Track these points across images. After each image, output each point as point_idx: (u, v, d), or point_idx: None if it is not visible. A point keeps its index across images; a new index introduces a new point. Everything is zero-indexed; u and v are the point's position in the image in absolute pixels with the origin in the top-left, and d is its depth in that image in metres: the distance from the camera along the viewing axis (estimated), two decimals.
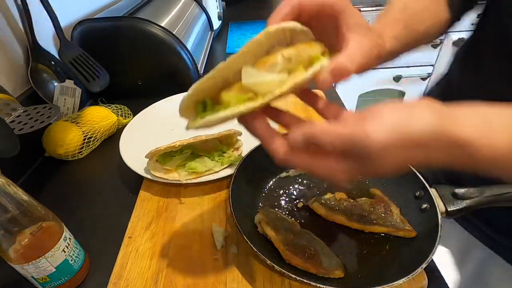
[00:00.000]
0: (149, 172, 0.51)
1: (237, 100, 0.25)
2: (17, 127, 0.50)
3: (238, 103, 0.25)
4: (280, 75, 0.25)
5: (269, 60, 0.25)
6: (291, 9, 0.28)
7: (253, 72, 0.25)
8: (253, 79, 0.24)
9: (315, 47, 0.28)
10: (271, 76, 0.25)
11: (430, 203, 0.41)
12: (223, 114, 0.25)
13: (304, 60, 0.27)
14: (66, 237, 0.37)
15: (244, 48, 0.25)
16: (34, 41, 0.64)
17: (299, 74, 0.26)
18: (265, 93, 0.25)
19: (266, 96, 0.24)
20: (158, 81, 0.80)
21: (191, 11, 0.98)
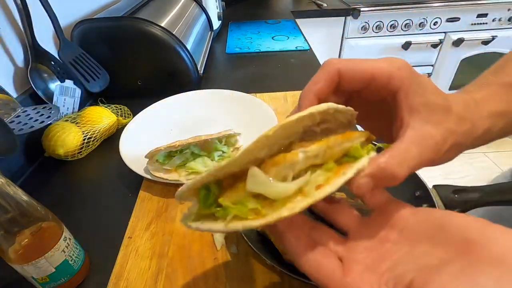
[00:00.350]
0: (149, 172, 0.51)
1: (237, 210, 0.19)
2: (16, 127, 0.50)
3: (237, 215, 0.19)
4: (296, 183, 0.19)
5: (286, 159, 0.19)
6: (328, 80, 0.23)
7: (260, 178, 0.18)
8: (259, 188, 0.18)
9: (355, 136, 0.22)
10: (282, 186, 0.19)
11: (430, 203, 0.41)
12: (220, 227, 0.19)
13: (336, 154, 0.21)
14: (66, 237, 0.37)
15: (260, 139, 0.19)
16: (34, 41, 0.64)
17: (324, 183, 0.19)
18: (274, 208, 0.19)
19: (271, 215, 0.18)
20: (158, 81, 0.80)
21: (191, 11, 0.98)
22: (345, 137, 0.21)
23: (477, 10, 1.61)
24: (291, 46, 1.08)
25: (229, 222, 0.19)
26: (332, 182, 0.19)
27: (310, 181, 0.19)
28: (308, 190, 0.19)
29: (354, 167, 0.20)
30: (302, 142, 0.21)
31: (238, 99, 0.71)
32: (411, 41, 1.63)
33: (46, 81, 0.67)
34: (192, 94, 0.74)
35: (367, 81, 0.22)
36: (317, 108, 0.20)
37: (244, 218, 0.18)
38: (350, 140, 0.22)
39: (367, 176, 0.20)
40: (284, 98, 0.77)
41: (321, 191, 0.19)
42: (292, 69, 0.94)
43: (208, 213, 0.20)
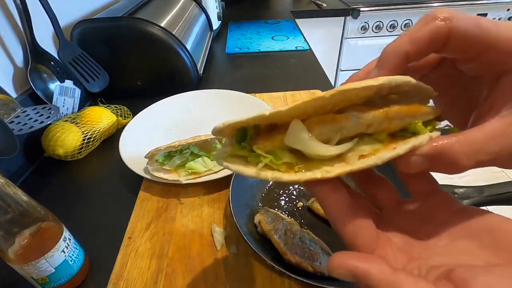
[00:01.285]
0: (148, 173, 0.51)
1: (270, 160, 0.18)
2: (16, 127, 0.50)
3: (270, 165, 0.18)
4: (339, 148, 0.17)
5: (336, 119, 0.17)
6: (432, 41, 0.17)
7: (302, 133, 0.17)
8: (297, 143, 0.17)
9: (423, 112, 0.19)
10: (323, 148, 0.17)
11: None
12: (251, 172, 0.18)
13: (393, 127, 0.18)
14: (66, 237, 0.37)
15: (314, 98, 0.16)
16: (34, 41, 0.64)
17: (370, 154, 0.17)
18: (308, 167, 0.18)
19: (304, 174, 0.17)
20: (158, 81, 0.80)
21: (190, 11, 0.98)
22: (411, 110, 0.18)
23: (477, 10, 1.61)
24: (290, 46, 1.08)
25: (260, 169, 0.18)
26: (378, 154, 0.17)
27: (354, 149, 0.18)
28: (350, 157, 0.17)
29: (409, 143, 0.17)
30: (357, 105, 0.18)
31: (238, 99, 0.71)
32: None
33: (45, 81, 0.67)
34: (192, 94, 0.74)
35: (482, 50, 0.17)
36: (392, 80, 0.17)
37: (276, 169, 0.18)
38: (415, 116, 0.18)
39: (424, 155, 0.17)
40: (284, 98, 0.77)
41: (364, 160, 0.17)
42: (291, 69, 0.94)
43: (241, 155, 0.19)
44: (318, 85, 0.80)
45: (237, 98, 0.71)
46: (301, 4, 1.65)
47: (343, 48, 1.68)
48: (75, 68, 0.69)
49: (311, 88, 0.80)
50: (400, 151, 0.17)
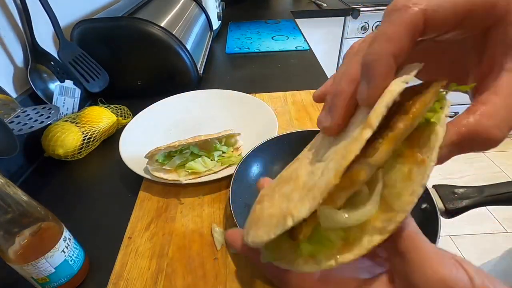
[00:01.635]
0: (148, 173, 0.51)
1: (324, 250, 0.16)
2: (16, 127, 0.50)
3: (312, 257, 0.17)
4: (372, 201, 0.16)
5: (353, 180, 0.16)
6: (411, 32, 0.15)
7: (333, 216, 0.16)
8: (335, 225, 0.16)
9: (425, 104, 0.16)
10: (359, 214, 0.16)
11: (430, 202, 0.41)
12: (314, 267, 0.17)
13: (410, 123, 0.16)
14: (66, 237, 0.37)
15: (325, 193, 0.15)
16: (34, 41, 0.64)
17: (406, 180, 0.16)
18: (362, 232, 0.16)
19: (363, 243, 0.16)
20: (158, 81, 0.80)
21: (190, 11, 0.98)
22: (416, 114, 0.16)
23: None
24: (290, 46, 1.08)
25: (322, 261, 0.16)
26: (415, 179, 0.15)
27: (386, 184, 0.16)
28: (390, 198, 0.16)
29: (432, 144, 0.15)
30: None
31: (238, 99, 0.71)
32: None
33: (45, 81, 0.67)
34: (192, 94, 0.74)
35: (462, 18, 0.16)
36: (388, 100, 0.15)
37: (334, 254, 0.16)
38: (420, 115, 0.16)
39: (450, 145, 0.16)
40: (284, 98, 0.77)
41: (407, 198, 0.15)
42: (291, 69, 0.94)
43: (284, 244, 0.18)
44: (318, 85, 0.80)
45: (237, 98, 0.71)
46: (301, 4, 1.65)
47: (343, 48, 1.68)
48: (75, 68, 0.69)
49: (311, 88, 0.80)
50: (432, 160, 0.15)
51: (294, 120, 0.68)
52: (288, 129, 0.63)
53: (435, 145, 0.15)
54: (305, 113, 0.70)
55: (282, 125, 0.65)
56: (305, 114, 0.70)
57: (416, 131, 0.16)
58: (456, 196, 0.41)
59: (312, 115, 0.69)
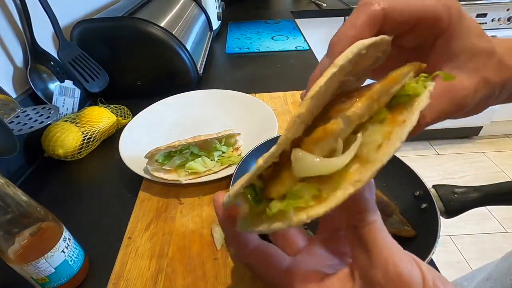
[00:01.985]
0: (148, 173, 0.51)
1: (295, 203, 0.16)
2: (16, 127, 0.50)
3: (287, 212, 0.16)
4: (348, 153, 0.16)
5: (327, 132, 0.16)
6: (370, 23, 0.19)
7: (307, 160, 0.16)
8: (308, 171, 0.16)
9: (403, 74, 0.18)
10: (334, 162, 0.16)
11: (430, 202, 0.41)
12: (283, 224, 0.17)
13: (384, 102, 0.18)
14: (66, 237, 0.37)
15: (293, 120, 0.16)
16: (33, 42, 0.64)
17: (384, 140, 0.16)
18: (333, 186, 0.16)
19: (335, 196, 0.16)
20: (158, 81, 0.80)
21: (190, 11, 0.98)
22: (391, 80, 0.17)
23: (476, 10, 1.61)
24: (290, 46, 1.08)
25: (293, 218, 0.16)
26: (394, 135, 0.16)
27: (365, 142, 0.16)
28: (368, 153, 0.16)
29: (413, 108, 0.17)
30: (340, 99, 0.18)
31: (238, 99, 0.71)
32: None
33: (45, 81, 0.67)
34: (192, 94, 0.74)
35: (414, 23, 0.19)
36: (346, 57, 0.16)
37: (305, 208, 0.16)
38: (398, 82, 0.17)
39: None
40: (284, 98, 0.77)
41: (386, 148, 0.16)
42: (291, 69, 0.94)
43: (261, 210, 0.18)
44: None
45: (237, 98, 0.71)
46: (301, 4, 1.65)
47: None
48: (75, 68, 0.69)
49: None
50: (413, 121, 0.16)
51: None
52: None
53: (416, 108, 0.17)
54: None
55: (282, 125, 0.65)
56: None
57: (401, 105, 0.18)
58: (456, 196, 0.41)
59: None
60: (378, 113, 0.17)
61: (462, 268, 1.35)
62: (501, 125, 1.99)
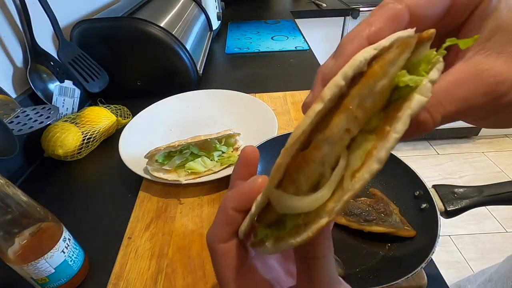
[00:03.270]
0: (148, 173, 0.51)
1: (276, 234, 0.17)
2: (16, 127, 0.50)
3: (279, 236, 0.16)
4: (328, 186, 0.14)
5: (307, 160, 0.14)
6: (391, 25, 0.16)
7: (284, 200, 0.15)
8: (288, 210, 0.15)
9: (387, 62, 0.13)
10: (312, 199, 0.14)
11: (430, 202, 0.41)
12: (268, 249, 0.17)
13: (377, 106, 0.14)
14: (66, 237, 0.37)
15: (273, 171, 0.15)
16: (33, 42, 0.64)
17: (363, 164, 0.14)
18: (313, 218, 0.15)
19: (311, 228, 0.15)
20: (157, 81, 0.80)
21: (190, 11, 0.98)
22: (370, 76, 0.13)
23: None
24: (290, 46, 1.08)
25: (273, 245, 0.16)
26: (372, 159, 0.13)
27: (349, 166, 0.14)
28: (344, 180, 0.14)
29: (402, 115, 0.13)
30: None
31: (238, 99, 0.71)
32: None
33: (45, 82, 0.67)
34: (192, 94, 0.74)
35: (445, 11, 0.16)
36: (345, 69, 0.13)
37: (284, 238, 0.16)
38: (381, 76, 0.13)
39: None
40: (284, 98, 0.77)
41: (359, 176, 0.13)
42: (291, 69, 0.94)
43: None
44: None
45: (237, 98, 0.71)
46: (301, 4, 1.65)
47: None
48: (75, 68, 0.69)
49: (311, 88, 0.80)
50: (397, 131, 0.13)
51: (294, 120, 0.68)
52: (288, 129, 0.63)
53: (403, 113, 0.13)
54: None
55: (282, 125, 0.65)
56: None
57: (397, 102, 0.14)
58: (456, 196, 0.41)
59: None
60: (369, 122, 0.14)
61: (462, 268, 1.35)
62: None
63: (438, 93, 0.15)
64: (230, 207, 0.19)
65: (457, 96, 0.15)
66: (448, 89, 0.15)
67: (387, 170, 0.48)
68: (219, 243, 0.20)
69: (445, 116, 0.15)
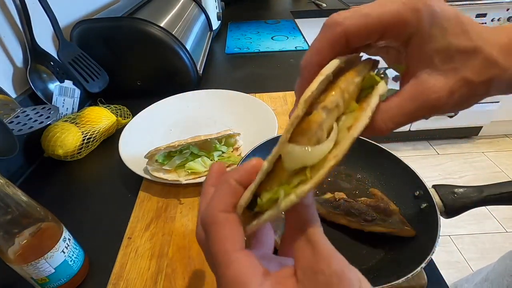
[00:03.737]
0: (148, 173, 0.51)
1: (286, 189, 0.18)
2: (16, 127, 0.50)
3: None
4: (330, 139, 0.18)
5: (311, 122, 0.18)
6: (333, 46, 0.20)
7: (297, 151, 0.18)
8: (299, 162, 0.18)
9: (360, 67, 0.21)
10: (320, 148, 0.18)
11: (430, 202, 0.41)
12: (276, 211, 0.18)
13: (354, 94, 0.20)
14: (66, 237, 0.37)
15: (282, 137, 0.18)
16: (33, 42, 0.64)
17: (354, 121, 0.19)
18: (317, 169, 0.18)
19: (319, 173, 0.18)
20: (157, 81, 0.80)
21: (190, 11, 0.98)
22: (351, 73, 0.20)
23: (476, 10, 1.61)
24: (290, 46, 1.08)
25: (283, 201, 0.18)
26: (360, 117, 0.19)
27: (340, 129, 0.19)
28: (342, 135, 0.19)
29: (374, 95, 0.20)
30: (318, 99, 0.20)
31: (238, 99, 0.71)
32: None
33: (45, 82, 0.67)
34: (192, 94, 0.74)
35: (380, 34, 0.20)
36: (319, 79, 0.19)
37: (294, 189, 0.18)
38: (358, 73, 0.20)
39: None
40: (284, 98, 0.77)
41: (355, 128, 0.18)
42: (291, 69, 0.94)
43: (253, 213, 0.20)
44: None
45: (237, 98, 0.71)
46: (301, 4, 1.65)
47: None
48: (75, 68, 0.69)
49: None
50: (372, 105, 0.19)
51: None
52: None
53: (376, 93, 0.20)
54: None
55: (282, 125, 0.65)
56: None
57: (367, 96, 0.20)
58: (456, 196, 0.41)
59: None
60: (349, 106, 0.20)
61: (462, 268, 1.35)
62: (501, 125, 1.99)
63: (392, 108, 0.20)
64: (233, 178, 0.20)
65: (409, 110, 0.20)
66: (401, 105, 0.20)
67: (387, 170, 0.48)
68: (222, 212, 0.19)
69: (397, 125, 0.20)
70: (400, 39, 0.20)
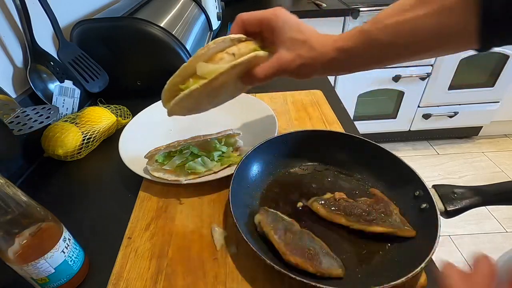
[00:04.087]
0: (148, 173, 0.51)
1: (193, 83, 0.36)
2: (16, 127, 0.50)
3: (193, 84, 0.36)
4: (226, 64, 0.35)
5: (217, 56, 0.36)
6: (239, 25, 0.40)
7: (205, 65, 0.36)
8: (205, 69, 0.36)
9: (252, 45, 0.39)
10: (219, 65, 0.35)
11: (430, 202, 0.41)
12: (182, 93, 0.37)
13: (245, 53, 0.37)
14: (66, 238, 0.37)
15: (198, 51, 0.36)
16: (33, 42, 0.64)
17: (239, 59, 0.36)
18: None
19: (213, 74, 0.35)
20: (157, 81, 0.79)
21: (190, 11, 0.98)
22: (247, 43, 0.39)
23: None
24: None
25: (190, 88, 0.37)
26: (240, 59, 0.36)
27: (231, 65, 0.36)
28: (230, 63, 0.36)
29: (253, 53, 0.37)
30: None
31: (238, 99, 0.70)
32: None
33: (45, 82, 0.67)
34: None
35: (259, 24, 0.39)
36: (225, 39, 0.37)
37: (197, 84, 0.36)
38: (250, 45, 0.39)
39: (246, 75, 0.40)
40: (284, 98, 0.77)
41: (232, 62, 0.36)
42: None
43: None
44: (318, 85, 0.80)
45: (237, 98, 0.71)
46: (301, 4, 1.65)
47: None
48: (75, 68, 0.69)
49: (311, 88, 0.80)
50: (251, 56, 0.37)
51: (294, 120, 0.68)
52: (288, 129, 0.63)
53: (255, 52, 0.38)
54: (305, 113, 0.70)
55: (282, 125, 0.65)
56: (305, 114, 0.70)
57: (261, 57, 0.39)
58: (456, 196, 0.41)
59: (312, 115, 0.69)
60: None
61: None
62: (501, 125, 1.99)
63: (265, 66, 0.39)
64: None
65: (273, 68, 0.39)
66: (270, 65, 0.39)
67: (387, 170, 0.48)
68: None
69: (266, 75, 0.39)
70: (269, 30, 0.39)
